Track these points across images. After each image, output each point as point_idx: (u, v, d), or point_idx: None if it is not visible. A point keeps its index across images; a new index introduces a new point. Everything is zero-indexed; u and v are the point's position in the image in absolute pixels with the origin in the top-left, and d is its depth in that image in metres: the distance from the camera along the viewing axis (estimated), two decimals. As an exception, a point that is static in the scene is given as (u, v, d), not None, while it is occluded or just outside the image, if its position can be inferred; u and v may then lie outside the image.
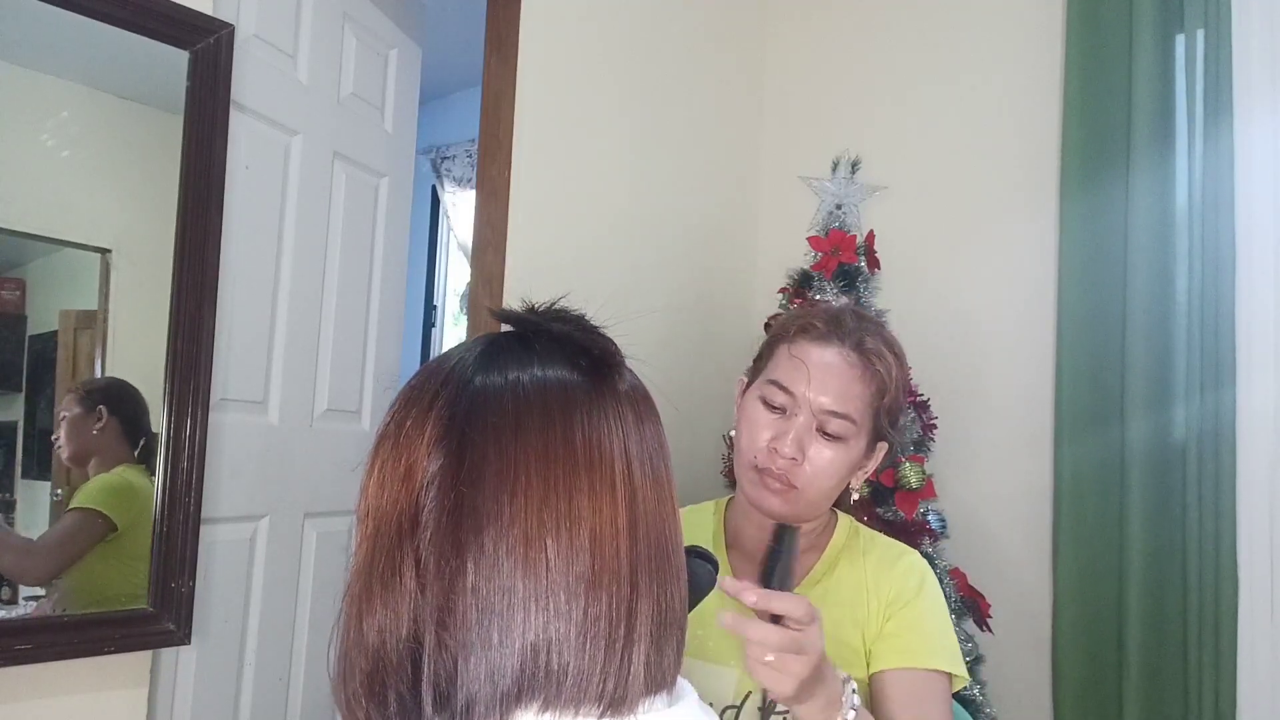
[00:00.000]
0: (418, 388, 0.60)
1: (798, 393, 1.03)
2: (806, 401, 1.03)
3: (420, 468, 0.57)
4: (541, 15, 2.10)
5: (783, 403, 1.04)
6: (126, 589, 1.37)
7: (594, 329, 0.63)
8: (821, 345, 1.05)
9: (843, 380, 1.03)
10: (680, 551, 0.61)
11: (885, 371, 1.06)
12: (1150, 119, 2.02)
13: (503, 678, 0.53)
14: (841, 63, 2.65)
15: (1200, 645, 1.87)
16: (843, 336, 1.05)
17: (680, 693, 0.61)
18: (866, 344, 1.05)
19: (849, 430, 1.03)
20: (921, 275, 2.42)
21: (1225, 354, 1.89)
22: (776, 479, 1.03)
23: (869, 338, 1.06)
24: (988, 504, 2.27)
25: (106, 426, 1.36)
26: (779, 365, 1.07)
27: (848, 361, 1.04)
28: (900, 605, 1.05)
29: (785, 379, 1.04)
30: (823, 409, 1.02)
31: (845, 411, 1.03)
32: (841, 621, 1.06)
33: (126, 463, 1.38)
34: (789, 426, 1.03)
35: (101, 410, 1.36)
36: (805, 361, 1.04)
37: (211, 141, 1.42)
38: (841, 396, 1.03)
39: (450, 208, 4.36)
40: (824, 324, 1.07)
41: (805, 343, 1.06)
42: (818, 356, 1.04)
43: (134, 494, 1.38)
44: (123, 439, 1.38)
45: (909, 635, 1.04)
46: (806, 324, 1.07)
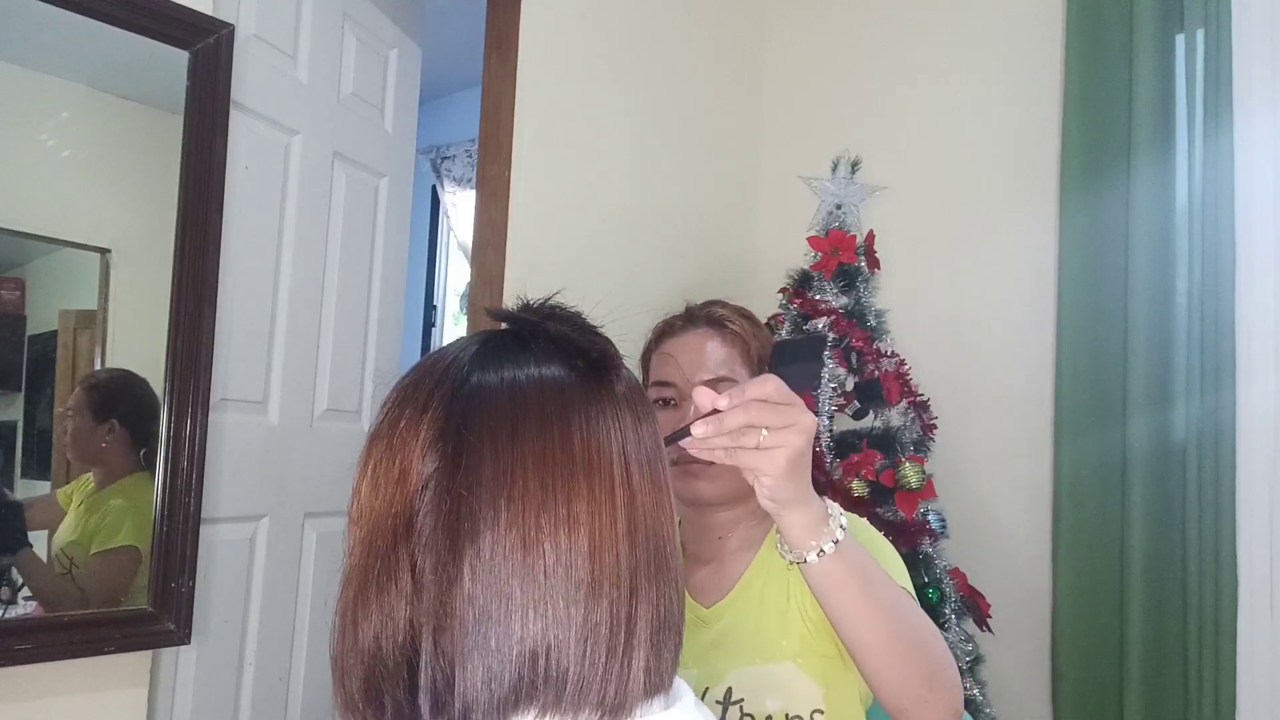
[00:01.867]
0: (412, 386, 0.59)
1: (678, 380, 1.11)
2: (687, 384, 1.10)
3: (415, 470, 0.56)
4: (541, 15, 2.10)
5: (669, 395, 1.12)
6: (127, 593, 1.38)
7: (590, 328, 0.62)
8: (680, 336, 1.15)
9: (708, 351, 1.12)
10: (677, 553, 0.60)
11: (740, 329, 1.14)
12: (1150, 119, 2.02)
13: (500, 684, 0.52)
14: (841, 63, 2.65)
15: (1200, 645, 1.87)
16: (694, 321, 1.16)
17: (677, 694, 0.60)
18: (716, 314, 1.15)
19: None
20: (921, 275, 2.42)
21: (1225, 354, 1.89)
22: (693, 462, 1.06)
23: (715, 309, 1.16)
24: (988, 504, 2.27)
25: (116, 438, 1.36)
26: (655, 369, 1.16)
27: (707, 335, 1.14)
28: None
29: (663, 375, 1.13)
30: (704, 382, 1.08)
31: (723, 374, 1.10)
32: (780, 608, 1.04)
33: (133, 472, 1.38)
34: (682, 411, 1.09)
35: (113, 423, 1.36)
36: (673, 354, 1.13)
37: (211, 141, 1.42)
38: (715, 364, 1.11)
39: (450, 208, 4.36)
40: (677, 319, 1.18)
41: (667, 341, 1.16)
42: (680, 345, 1.14)
43: (136, 513, 1.37)
44: (130, 448, 1.38)
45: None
46: (663, 327, 1.19)
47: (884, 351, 2.21)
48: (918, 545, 2.03)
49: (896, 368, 2.21)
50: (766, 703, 1.02)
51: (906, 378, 2.22)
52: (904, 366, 2.23)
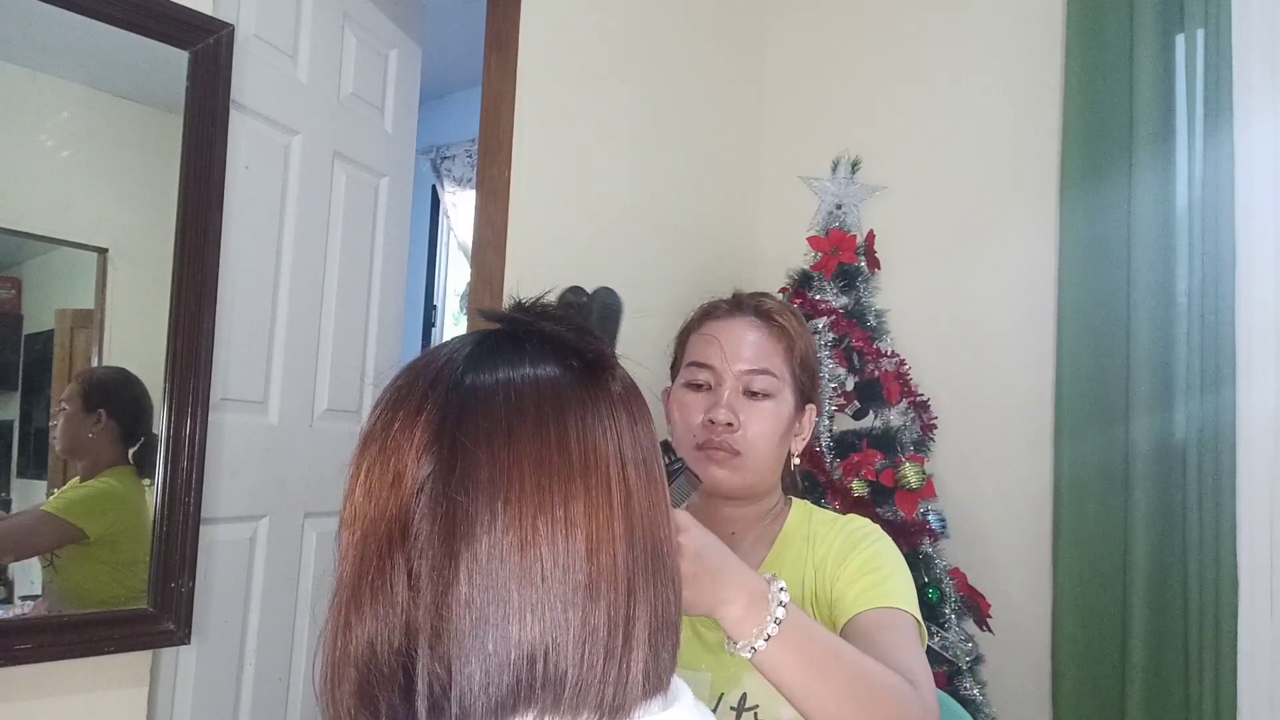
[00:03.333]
0: (405, 387, 0.58)
1: (716, 364, 1.09)
2: (727, 369, 1.08)
3: (410, 473, 0.55)
4: (541, 15, 2.10)
5: (705, 379, 1.09)
6: (116, 592, 1.37)
7: (585, 328, 0.62)
8: (726, 320, 1.13)
9: (754, 341, 1.10)
10: (675, 553, 0.60)
11: (789, 326, 1.13)
12: (1150, 119, 2.01)
13: (498, 688, 0.52)
14: (841, 63, 2.65)
15: (1200, 645, 1.87)
16: (743, 308, 1.14)
17: (675, 694, 0.60)
18: (765, 305, 1.14)
19: (774, 385, 1.09)
20: (921, 275, 2.42)
21: (1225, 354, 1.89)
22: (719, 449, 1.06)
23: (765, 300, 1.15)
24: (988, 504, 2.27)
25: (104, 429, 1.36)
26: (694, 349, 1.13)
27: (753, 325, 1.12)
28: (848, 555, 1.05)
29: (702, 356, 1.11)
30: (743, 370, 1.08)
31: (764, 367, 1.09)
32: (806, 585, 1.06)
33: (119, 465, 1.38)
34: (718, 398, 1.07)
35: (101, 414, 1.35)
36: (716, 336, 1.11)
37: (211, 141, 1.42)
38: (757, 355, 1.09)
39: (450, 208, 4.36)
40: (723, 304, 1.16)
41: (711, 323, 1.14)
42: (725, 329, 1.12)
43: (113, 502, 1.37)
44: (118, 442, 1.38)
45: (862, 582, 1.02)
46: (708, 308, 1.17)
47: (884, 351, 2.21)
48: (918, 545, 2.03)
49: (896, 368, 2.21)
50: (782, 710, 1.01)
51: (906, 378, 2.22)
52: (904, 366, 2.23)
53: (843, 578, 1.04)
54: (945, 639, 1.96)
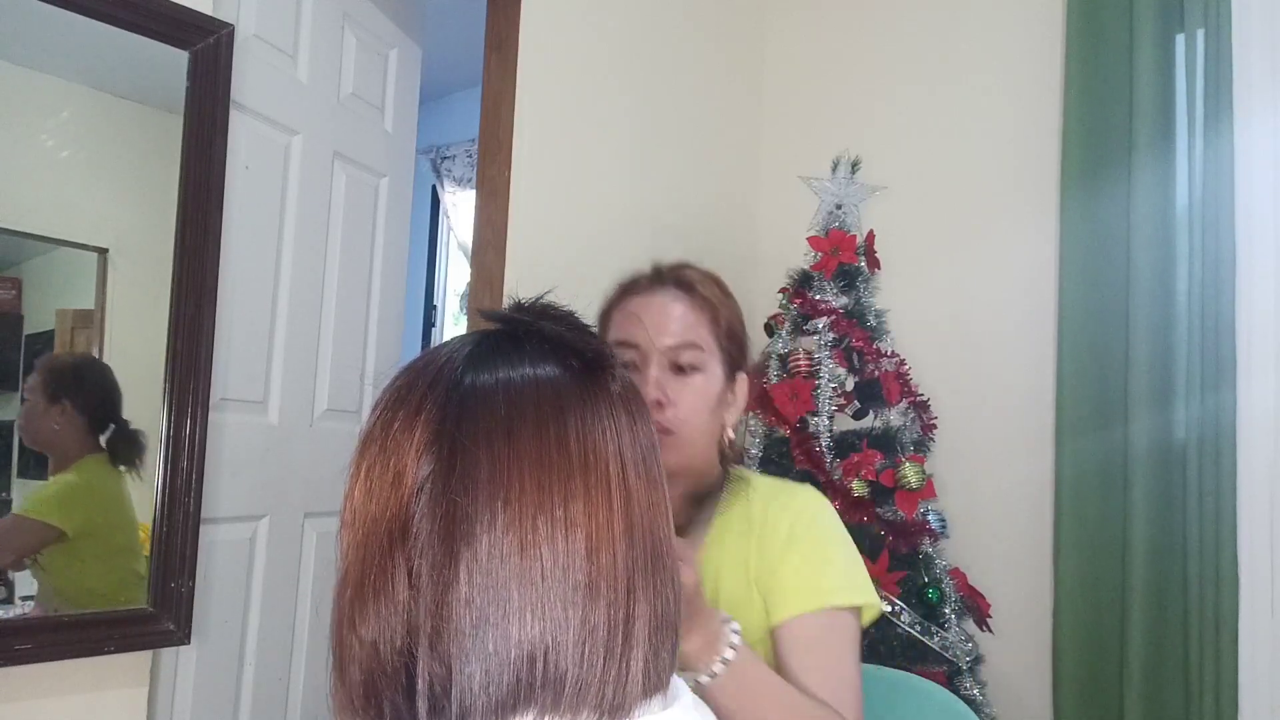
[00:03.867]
0: (404, 388, 0.58)
1: (640, 341, 1.06)
2: (651, 346, 1.05)
3: (409, 473, 0.55)
4: (541, 15, 2.10)
5: (630, 358, 1.06)
6: (109, 582, 1.36)
7: (584, 327, 0.62)
8: (647, 295, 1.10)
9: (676, 315, 1.07)
10: (673, 552, 0.60)
11: (712, 296, 1.10)
12: (1150, 119, 2.01)
13: (498, 687, 0.52)
14: (841, 63, 2.65)
15: (1201, 645, 1.87)
16: (664, 281, 1.11)
17: (675, 693, 0.60)
18: (686, 277, 1.10)
19: (700, 358, 1.07)
20: (921, 275, 2.42)
21: (1225, 354, 1.89)
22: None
23: (686, 271, 1.12)
24: (988, 504, 2.27)
25: (69, 419, 1.32)
26: (617, 327, 1.10)
27: (674, 298, 1.09)
28: (788, 547, 1.03)
29: (626, 334, 1.07)
30: (668, 346, 1.05)
31: (689, 340, 1.06)
32: (737, 597, 1.04)
33: (89, 455, 1.34)
34: (644, 378, 1.04)
35: (65, 404, 1.32)
36: (638, 312, 1.08)
37: (211, 141, 1.42)
38: (682, 328, 1.06)
39: (450, 208, 4.36)
40: (643, 278, 1.13)
41: (632, 298, 1.11)
42: (647, 304, 1.08)
43: (84, 494, 1.34)
44: (86, 431, 1.34)
45: (800, 578, 1.01)
46: (628, 284, 1.13)
47: (884, 351, 2.21)
48: (918, 545, 2.03)
49: (896, 368, 2.21)
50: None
51: (906, 378, 2.22)
52: (904, 366, 2.23)
53: (784, 570, 1.02)
54: (945, 639, 1.96)
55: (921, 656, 1.94)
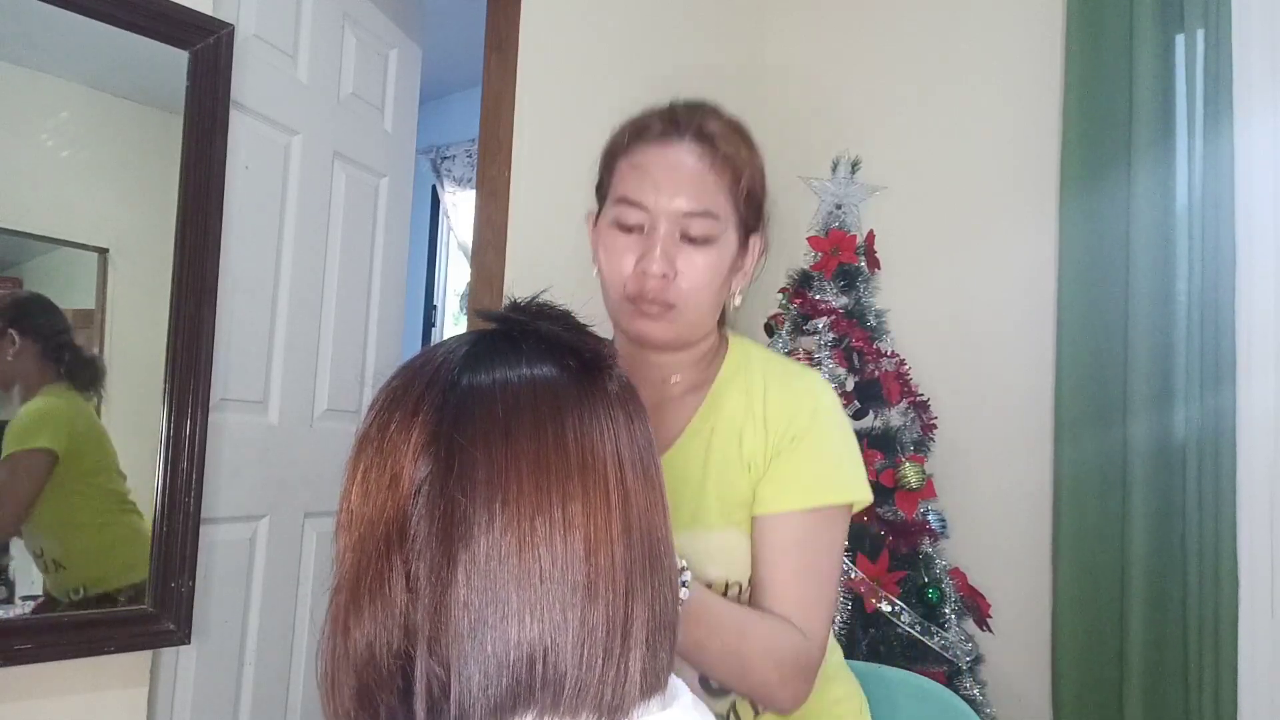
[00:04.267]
0: (401, 389, 0.58)
1: (649, 203, 0.94)
2: (661, 210, 0.94)
3: (407, 475, 0.55)
4: (541, 15, 2.10)
5: (638, 219, 0.95)
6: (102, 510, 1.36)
7: (581, 327, 0.62)
8: (661, 145, 0.96)
9: (692, 175, 0.95)
10: (671, 552, 0.60)
11: (734, 153, 0.98)
12: (1150, 119, 2.01)
13: (497, 689, 0.52)
14: (841, 63, 2.65)
15: (1200, 645, 1.87)
16: (681, 130, 0.97)
17: (674, 693, 0.60)
18: (708, 129, 0.97)
19: (713, 228, 0.96)
20: (921, 275, 2.42)
21: (1225, 354, 1.89)
22: (652, 302, 0.94)
23: (708, 122, 0.98)
24: (988, 504, 2.27)
25: (21, 350, 1.30)
26: (623, 181, 0.97)
27: (693, 154, 0.96)
28: (789, 441, 0.97)
29: (634, 193, 0.95)
30: (680, 212, 0.94)
31: (704, 208, 0.94)
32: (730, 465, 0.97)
33: (50, 383, 1.32)
34: (651, 243, 0.94)
35: (12, 334, 1.29)
36: (648, 168, 0.95)
37: (211, 141, 1.42)
38: (695, 192, 0.94)
39: (450, 208, 4.37)
40: (658, 121, 0.98)
41: (643, 147, 0.97)
42: (659, 158, 0.96)
43: (60, 413, 1.32)
44: (43, 359, 1.32)
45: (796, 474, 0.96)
46: (639, 126, 0.99)
47: (884, 351, 2.21)
48: (918, 545, 2.03)
49: (896, 368, 2.21)
50: (708, 569, 0.96)
51: (906, 378, 2.22)
52: (904, 366, 2.23)
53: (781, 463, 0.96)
54: (945, 639, 1.96)
55: (921, 656, 1.94)
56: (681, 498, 0.97)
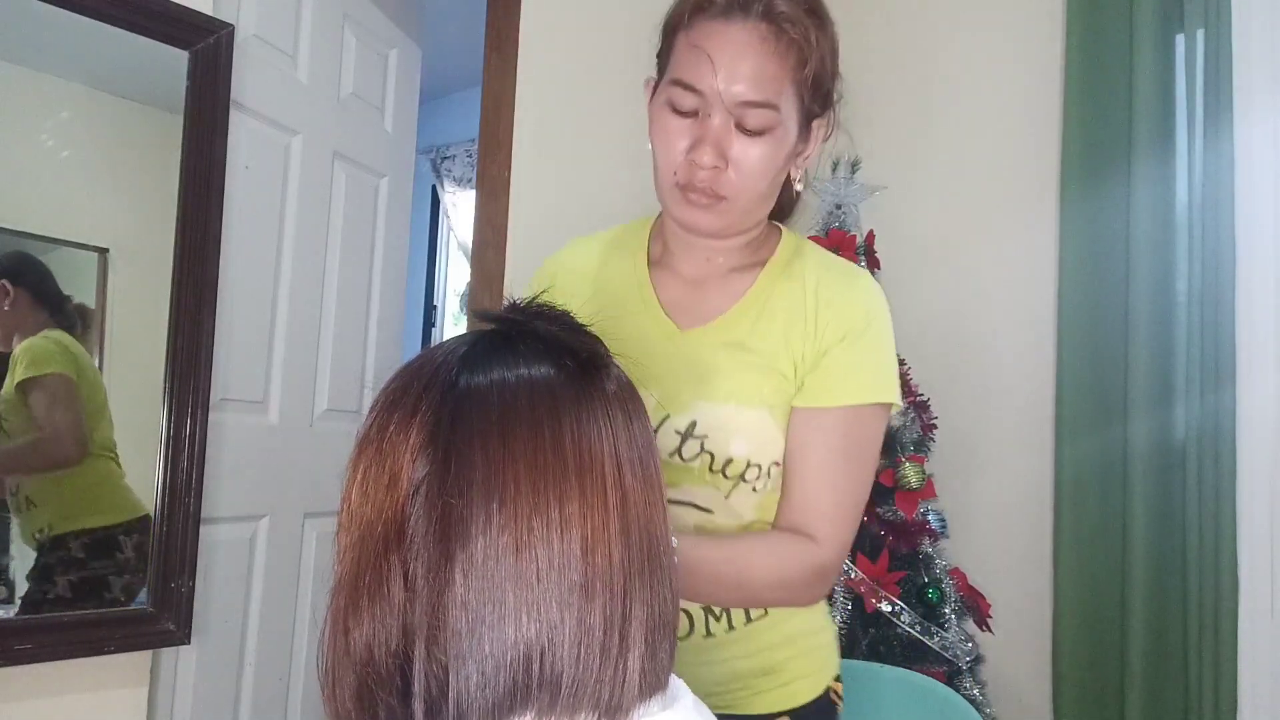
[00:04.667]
0: (400, 390, 0.58)
1: (705, 88, 0.88)
2: (717, 96, 0.88)
3: (405, 475, 0.55)
4: (541, 15, 2.10)
5: (692, 104, 0.90)
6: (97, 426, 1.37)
7: (579, 327, 0.62)
8: (723, 23, 0.89)
9: (754, 61, 0.88)
10: (670, 552, 0.60)
11: (803, 38, 0.90)
12: (1150, 119, 2.01)
13: (495, 688, 0.52)
14: (841, 63, 2.64)
15: (1200, 645, 1.86)
16: (747, 6, 0.89)
17: (675, 694, 0.60)
18: (776, 8, 0.89)
19: (772, 119, 0.90)
20: (921, 275, 2.42)
21: (1225, 354, 1.89)
22: (702, 193, 0.92)
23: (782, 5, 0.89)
24: (988, 504, 2.27)
25: (16, 300, 1.31)
26: (680, 60, 0.92)
27: (757, 36, 0.88)
28: (839, 339, 0.96)
29: (689, 75, 0.89)
30: (737, 101, 0.88)
31: (763, 99, 0.88)
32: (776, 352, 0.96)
33: (46, 328, 1.34)
34: (704, 131, 0.89)
35: (5, 285, 1.30)
36: (707, 49, 0.88)
37: (211, 141, 1.42)
38: (756, 81, 0.88)
39: (450, 208, 4.37)
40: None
41: (703, 24, 0.90)
42: (720, 39, 0.88)
43: (62, 346, 1.33)
44: (37, 306, 1.33)
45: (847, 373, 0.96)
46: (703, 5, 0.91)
47: (884, 351, 2.21)
48: (918, 545, 2.03)
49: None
50: (732, 445, 0.95)
51: (906, 378, 2.22)
52: (904, 366, 2.23)
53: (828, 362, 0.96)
54: (945, 639, 1.96)
55: (921, 656, 1.94)
56: (719, 371, 0.96)
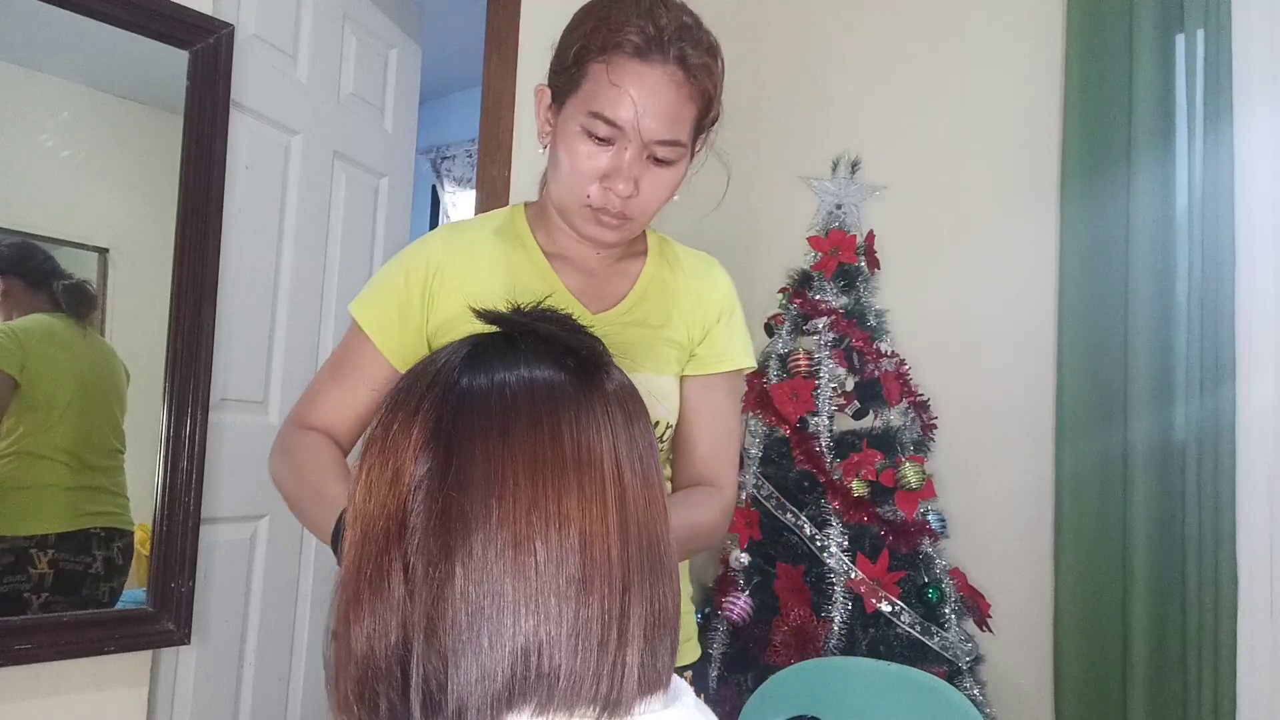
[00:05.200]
0: (404, 391, 0.60)
1: (625, 125, 0.95)
2: (636, 132, 0.95)
3: (407, 472, 0.56)
4: (541, 15, 2.10)
5: (607, 134, 0.96)
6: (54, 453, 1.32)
7: (580, 328, 0.63)
8: (640, 64, 0.94)
9: (669, 103, 0.96)
10: (671, 552, 0.61)
11: (709, 87, 0.99)
12: (1150, 119, 2.01)
13: (493, 682, 0.53)
14: (841, 63, 2.65)
15: (1200, 644, 1.87)
16: (664, 50, 0.95)
17: (677, 693, 0.60)
18: (690, 60, 0.96)
19: (679, 154, 1.00)
20: (921, 275, 2.42)
21: (1225, 354, 1.89)
22: (614, 216, 1.00)
23: (691, 50, 0.96)
24: (988, 504, 2.27)
25: (8, 289, 1.29)
26: (599, 93, 0.96)
27: (672, 81, 0.95)
28: (718, 319, 1.15)
29: (609, 111, 0.95)
30: (653, 139, 0.96)
31: (675, 137, 0.97)
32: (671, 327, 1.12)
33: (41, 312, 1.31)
34: (620, 162, 0.97)
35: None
36: (627, 88, 0.94)
37: (211, 141, 1.42)
38: (670, 122, 0.96)
39: (450, 208, 4.37)
40: (640, 36, 0.95)
41: (623, 62, 0.95)
42: (639, 80, 0.94)
43: (24, 338, 1.29)
44: (32, 292, 1.31)
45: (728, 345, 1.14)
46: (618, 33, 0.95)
47: (884, 351, 2.21)
48: (918, 545, 2.03)
49: (896, 368, 2.21)
50: (659, 409, 1.09)
51: (906, 378, 2.22)
52: (904, 366, 2.23)
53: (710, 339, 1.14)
54: (945, 639, 1.96)
55: (921, 656, 1.94)
56: (637, 343, 1.09)
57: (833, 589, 1.98)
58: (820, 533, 2.03)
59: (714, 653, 2.09)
